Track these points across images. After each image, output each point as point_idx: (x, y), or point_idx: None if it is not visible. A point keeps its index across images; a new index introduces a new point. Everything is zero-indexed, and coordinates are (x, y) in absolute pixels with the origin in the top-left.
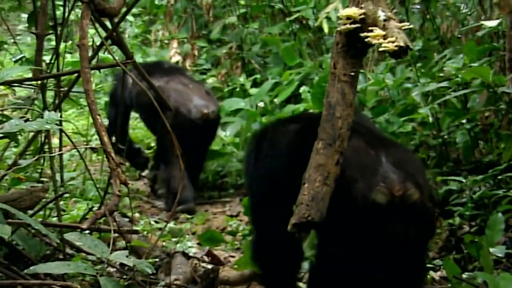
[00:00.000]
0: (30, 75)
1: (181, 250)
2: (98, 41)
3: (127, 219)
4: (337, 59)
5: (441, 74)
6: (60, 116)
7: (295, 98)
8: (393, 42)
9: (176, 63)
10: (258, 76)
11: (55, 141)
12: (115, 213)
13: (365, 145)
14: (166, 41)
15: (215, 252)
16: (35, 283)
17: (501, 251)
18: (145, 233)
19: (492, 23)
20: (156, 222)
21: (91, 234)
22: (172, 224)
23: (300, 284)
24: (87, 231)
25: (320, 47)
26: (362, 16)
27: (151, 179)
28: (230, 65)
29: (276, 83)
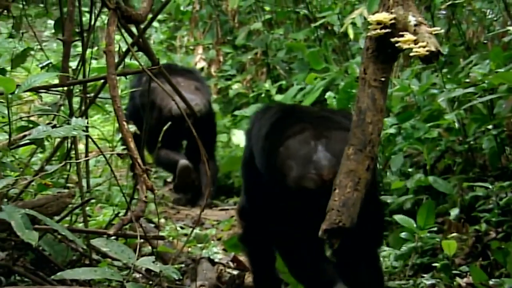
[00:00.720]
0: (56, 81)
1: (207, 256)
2: (124, 47)
3: (153, 225)
4: (367, 64)
5: (467, 80)
6: (87, 122)
7: (320, 103)
8: (424, 47)
9: (201, 69)
10: (284, 82)
11: (80, 147)
12: (141, 219)
13: (310, 136)
14: (191, 47)
15: (240, 258)
16: None
17: None
18: (171, 239)
19: None
20: (182, 228)
21: (117, 240)
22: (198, 230)
23: None
24: (113, 237)
25: (345, 53)
26: (392, 21)
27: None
28: (255, 71)
29: (301, 89)
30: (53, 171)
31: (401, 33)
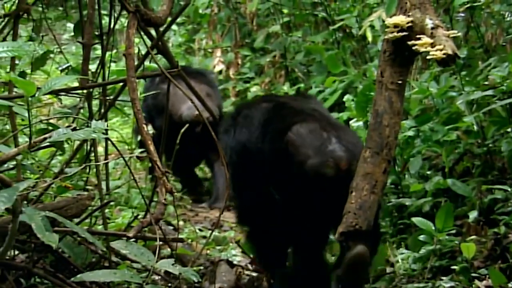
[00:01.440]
0: (76, 84)
1: (226, 258)
2: (143, 50)
3: (172, 227)
4: (385, 67)
5: (486, 83)
6: (106, 125)
7: (338, 106)
8: (441, 50)
9: (220, 72)
10: (302, 85)
11: (100, 149)
12: (160, 221)
13: (319, 128)
14: (210, 50)
15: None
16: None
17: None
18: (190, 241)
19: None
20: (201, 230)
21: (136, 242)
22: (217, 232)
23: None
24: (133, 239)
25: (363, 56)
26: (409, 24)
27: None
28: (274, 74)
29: (320, 91)
30: (73, 173)
31: (418, 36)
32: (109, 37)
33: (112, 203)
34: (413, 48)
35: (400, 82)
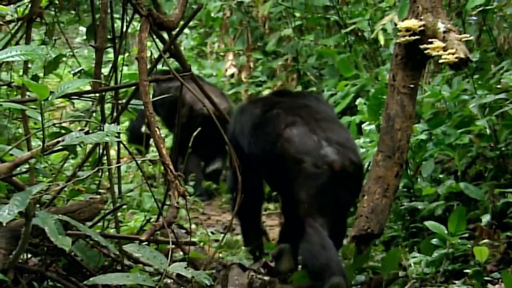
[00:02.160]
0: (88, 88)
1: (238, 262)
2: (156, 54)
3: (184, 231)
4: (396, 71)
5: (499, 86)
6: (119, 129)
7: (351, 109)
8: (453, 54)
9: (232, 76)
10: (314, 88)
11: (112, 152)
12: (172, 225)
13: (308, 131)
14: (222, 53)
15: (271, 264)
16: None
17: None
18: (202, 244)
19: None
20: (213, 233)
21: (149, 245)
22: (229, 236)
23: None
24: (145, 243)
25: (376, 59)
26: (421, 28)
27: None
28: (286, 77)
29: (332, 95)
30: (86, 177)
31: (430, 40)
32: (122, 41)
33: (124, 206)
34: (425, 51)
35: (412, 85)
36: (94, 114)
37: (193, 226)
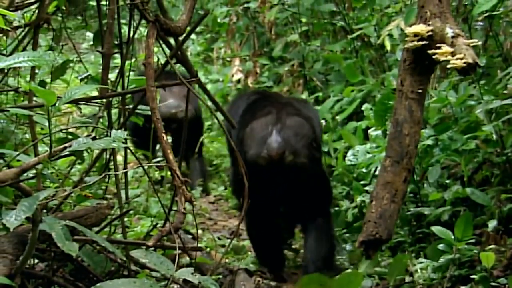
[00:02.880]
0: (95, 93)
1: (244, 267)
2: (162, 59)
3: (191, 236)
4: (405, 76)
5: (505, 92)
6: (126, 134)
7: (357, 115)
8: (461, 59)
9: (238, 81)
10: (320, 94)
11: (118, 158)
12: (179, 230)
13: (268, 122)
14: (228, 59)
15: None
16: None
17: None
18: (208, 250)
19: None
20: (219, 239)
21: (155, 251)
22: (235, 241)
23: None
24: (152, 248)
25: (382, 65)
26: (429, 33)
27: None
28: (292, 83)
29: (338, 100)
30: (93, 182)
31: (438, 45)
32: (129, 47)
33: (131, 212)
34: (433, 57)
35: (420, 91)
36: (101, 119)
37: (200, 231)
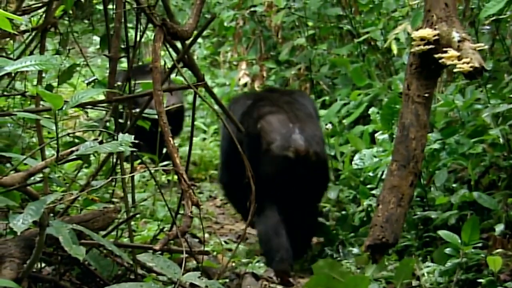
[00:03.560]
0: (102, 97)
1: (251, 271)
2: (169, 63)
3: (197, 240)
4: (411, 80)
5: None
6: (133, 138)
7: (363, 119)
8: (467, 63)
9: (245, 85)
10: (327, 98)
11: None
12: (186, 234)
13: (287, 119)
14: (235, 63)
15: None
16: None
17: None
18: (215, 254)
19: None
20: (226, 242)
21: (162, 254)
22: (242, 245)
23: None
24: (159, 252)
25: (389, 68)
26: (436, 37)
27: None
28: (299, 86)
29: (345, 104)
30: (100, 186)
31: (444, 49)
32: (135, 51)
33: (138, 215)
34: (440, 61)
35: (426, 95)
36: (107, 123)
37: (207, 235)
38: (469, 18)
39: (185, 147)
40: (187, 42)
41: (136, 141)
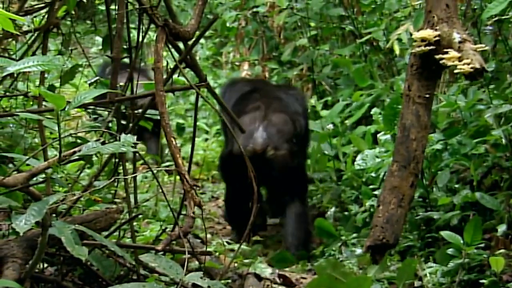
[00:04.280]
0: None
1: (253, 271)
2: (171, 64)
3: (199, 240)
4: (412, 81)
5: None
6: (135, 139)
7: (366, 119)
8: (468, 64)
9: None
10: (329, 98)
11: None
12: (188, 234)
13: (256, 117)
14: (237, 63)
15: (287, 274)
16: None
17: None
18: (217, 254)
19: None
20: (228, 243)
21: (164, 255)
22: (244, 246)
23: None
24: (161, 252)
25: (391, 69)
26: (437, 38)
27: None
28: (301, 87)
29: (347, 104)
30: (102, 187)
31: (445, 50)
32: (138, 51)
33: (140, 216)
34: (441, 62)
35: (427, 96)
36: (110, 124)
37: (209, 235)
38: (471, 19)
39: (188, 148)
40: (189, 42)
41: (138, 142)
